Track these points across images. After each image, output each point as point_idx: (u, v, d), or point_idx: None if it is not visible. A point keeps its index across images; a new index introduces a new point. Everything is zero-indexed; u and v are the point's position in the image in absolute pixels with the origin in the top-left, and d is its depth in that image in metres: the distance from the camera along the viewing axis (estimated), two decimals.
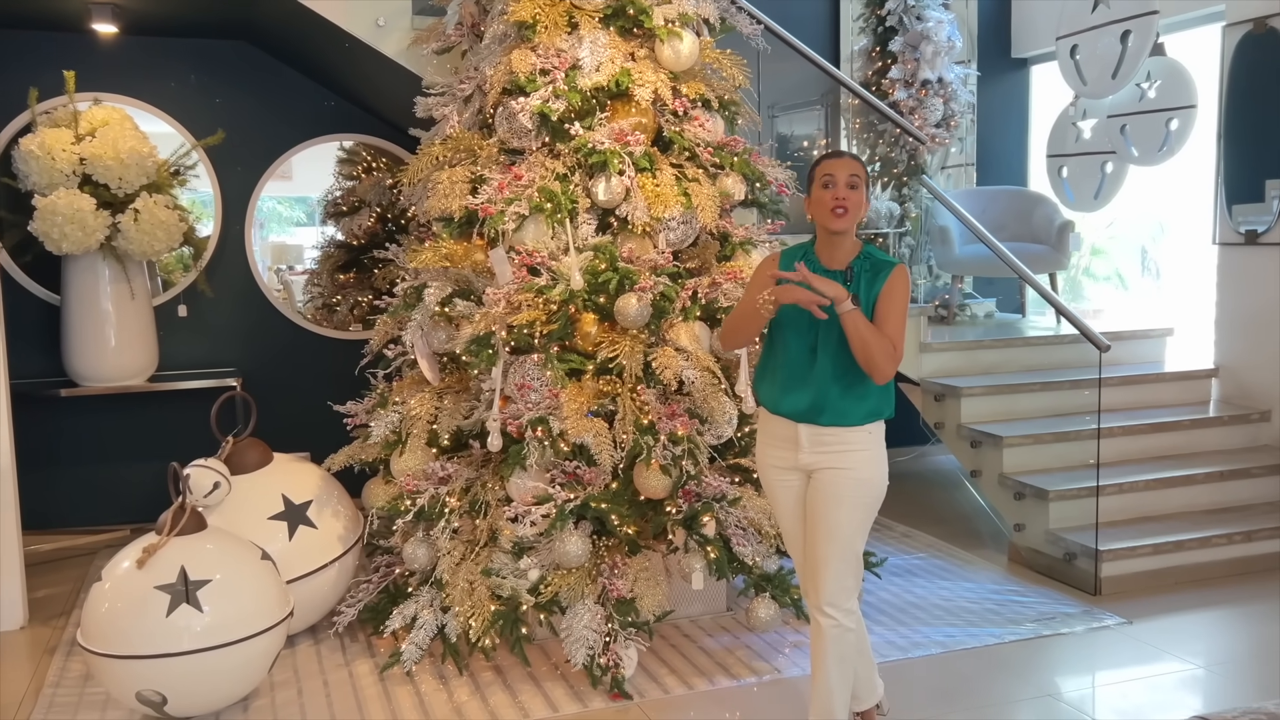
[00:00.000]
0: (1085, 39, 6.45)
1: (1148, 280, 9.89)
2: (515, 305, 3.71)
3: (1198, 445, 5.34)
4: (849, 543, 2.93)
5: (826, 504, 2.92)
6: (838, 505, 2.91)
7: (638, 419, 3.66)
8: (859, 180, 2.87)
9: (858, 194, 2.86)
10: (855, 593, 2.99)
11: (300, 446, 5.58)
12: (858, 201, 2.87)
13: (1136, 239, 9.73)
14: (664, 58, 3.97)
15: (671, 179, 3.89)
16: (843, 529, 2.91)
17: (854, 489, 2.91)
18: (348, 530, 4.11)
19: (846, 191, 2.85)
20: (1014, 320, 6.84)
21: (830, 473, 2.92)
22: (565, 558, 3.59)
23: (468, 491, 3.86)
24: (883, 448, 2.97)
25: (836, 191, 2.86)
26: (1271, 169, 5.39)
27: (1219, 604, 4.35)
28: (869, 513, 2.96)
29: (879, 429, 2.96)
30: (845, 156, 2.93)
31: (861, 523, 2.95)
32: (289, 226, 6.61)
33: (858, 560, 2.97)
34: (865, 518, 2.95)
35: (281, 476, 4.06)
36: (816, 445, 2.93)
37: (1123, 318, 7.78)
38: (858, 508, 2.92)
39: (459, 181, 3.90)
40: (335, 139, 6.04)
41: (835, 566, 2.92)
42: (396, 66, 4.60)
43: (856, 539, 2.95)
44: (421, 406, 3.94)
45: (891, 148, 6.72)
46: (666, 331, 3.80)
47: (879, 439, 2.96)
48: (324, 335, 6.05)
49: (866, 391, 2.90)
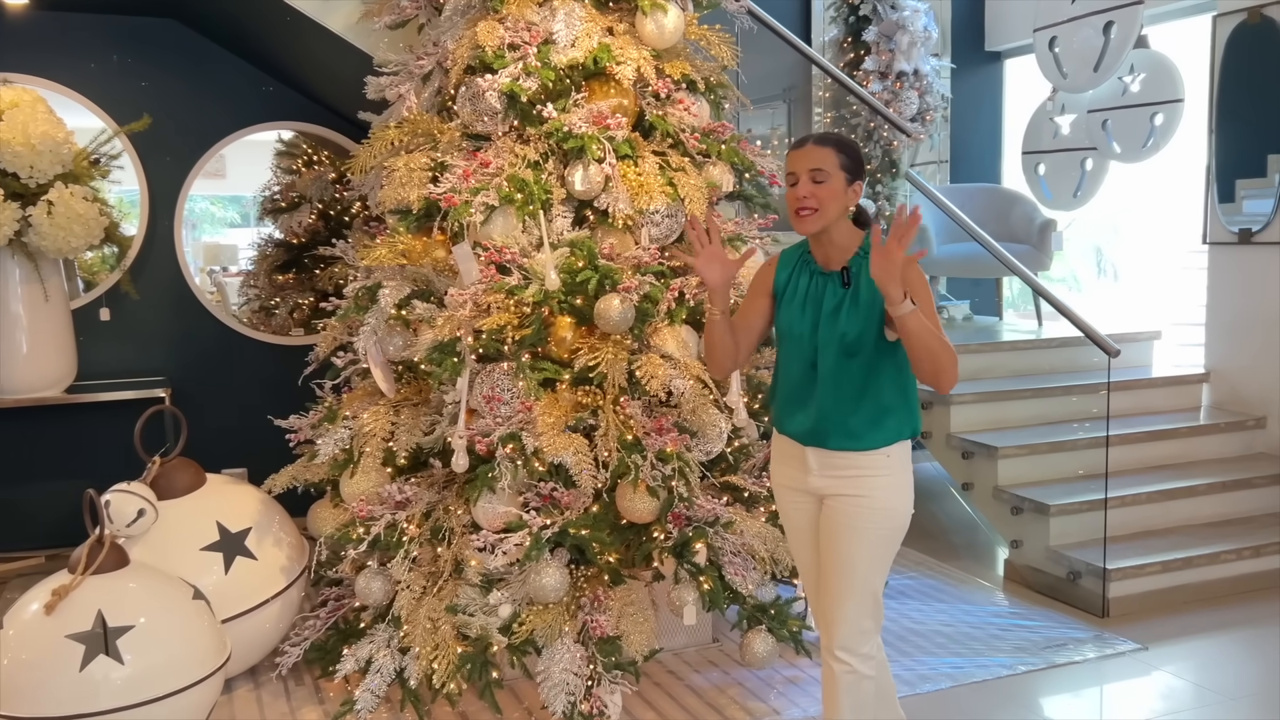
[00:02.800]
0: (1065, 31, 6.20)
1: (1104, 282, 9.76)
2: (483, 307, 3.31)
3: (1194, 454, 5.10)
4: (865, 580, 2.57)
5: (839, 535, 2.57)
6: (851, 537, 2.56)
7: (622, 435, 3.28)
8: (825, 172, 2.47)
9: (826, 188, 2.48)
10: (874, 636, 2.63)
11: (235, 464, 5.14)
12: (826, 196, 2.48)
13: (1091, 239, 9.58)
14: (646, 33, 3.59)
15: (655, 168, 3.51)
16: (857, 564, 2.56)
17: (869, 519, 2.55)
18: (291, 560, 3.67)
19: (810, 188, 2.48)
20: (992, 323, 6.58)
21: (843, 500, 2.57)
22: (541, 592, 3.19)
23: (428, 517, 3.44)
24: (907, 471, 2.61)
25: (798, 189, 2.50)
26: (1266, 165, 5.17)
27: (1234, 626, 4.07)
28: (888, 546, 2.60)
29: (901, 451, 2.59)
30: (808, 144, 2.53)
31: (878, 557, 2.59)
32: (222, 227, 6.16)
33: (876, 600, 2.61)
34: (883, 552, 2.60)
35: (216, 501, 3.61)
36: (826, 469, 2.59)
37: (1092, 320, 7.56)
38: (874, 541, 2.56)
39: (418, 169, 3.48)
40: (274, 127, 5.57)
41: (849, 606, 2.57)
42: (344, 44, 4.15)
43: (874, 576, 2.59)
44: (376, 421, 3.51)
45: (865, 142, 6.42)
46: (650, 337, 3.42)
47: (902, 462, 2.59)
48: (262, 340, 5.57)
49: (881, 410, 2.53)
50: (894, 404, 2.54)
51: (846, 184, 2.50)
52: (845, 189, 2.50)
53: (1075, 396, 5.21)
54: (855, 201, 2.54)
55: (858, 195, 2.53)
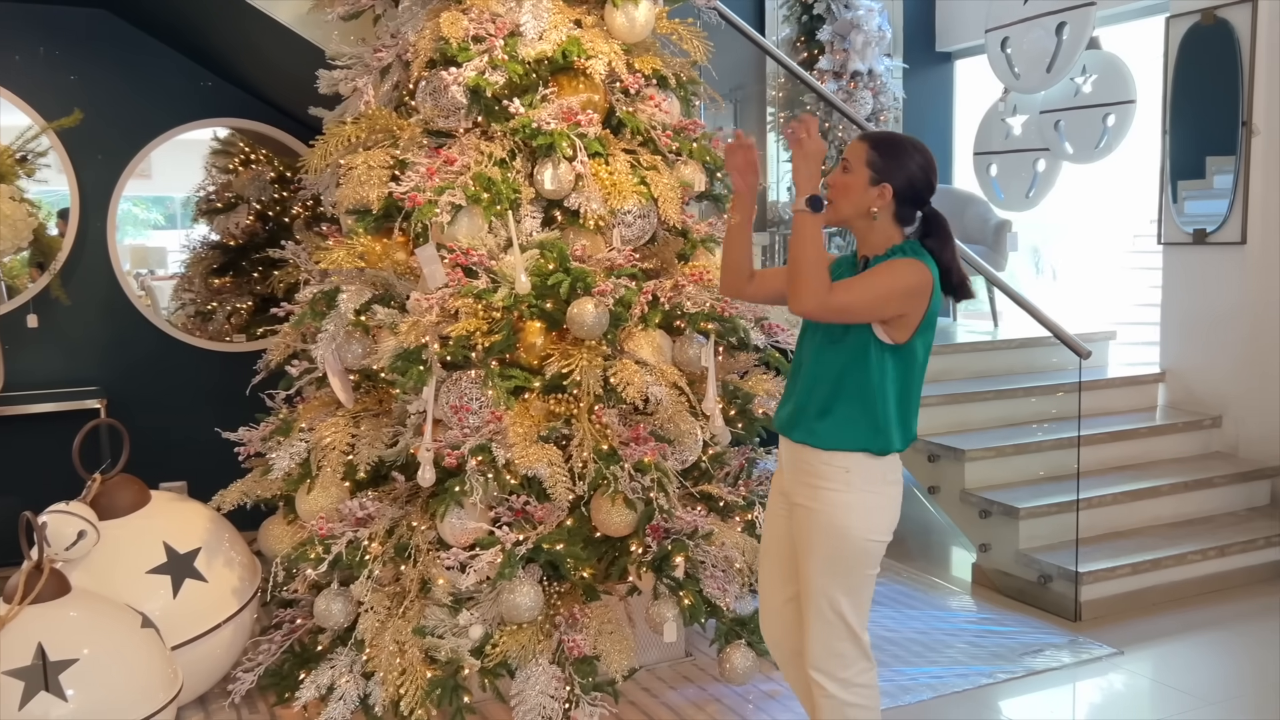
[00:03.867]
0: (1017, 31, 6.21)
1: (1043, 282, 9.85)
2: (450, 312, 3.14)
3: (1153, 454, 5.11)
4: (825, 599, 2.44)
5: (798, 549, 2.50)
6: (807, 555, 2.46)
7: (598, 445, 3.14)
8: (850, 164, 2.41)
9: (847, 177, 2.40)
10: (854, 663, 2.46)
11: (174, 476, 4.89)
12: (842, 187, 2.41)
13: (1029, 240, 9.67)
14: (616, 26, 3.45)
15: (626, 167, 3.38)
16: (813, 584, 2.45)
17: (819, 537, 2.42)
18: (243, 581, 3.46)
19: (836, 176, 2.44)
20: (946, 324, 6.56)
21: (800, 511, 2.48)
22: (515, 611, 3.04)
23: (391, 534, 3.27)
24: (870, 494, 2.42)
25: (828, 177, 2.45)
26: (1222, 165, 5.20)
27: (1204, 628, 4.06)
28: (847, 570, 2.42)
29: (865, 469, 2.41)
30: (856, 137, 2.50)
31: (834, 580, 2.42)
32: (146, 229, 5.88)
33: (844, 622, 2.44)
34: (840, 576, 2.42)
35: (162, 520, 3.39)
36: (792, 468, 2.51)
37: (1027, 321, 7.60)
38: (825, 560, 2.42)
39: (377, 167, 3.30)
40: (214, 124, 5.32)
41: (814, 625, 2.46)
42: (292, 36, 3.95)
43: (838, 599, 2.43)
44: (335, 434, 3.32)
45: None
46: (624, 342, 3.29)
47: (864, 481, 2.41)
48: (200, 347, 5.32)
49: (849, 414, 2.40)
50: (858, 411, 2.40)
51: (870, 182, 2.37)
52: (865, 188, 2.38)
53: (1035, 398, 5.19)
54: (880, 204, 2.38)
55: (884, 199, 2.37)
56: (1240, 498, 4.94)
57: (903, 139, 2.44)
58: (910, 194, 2.40)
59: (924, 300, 2.37)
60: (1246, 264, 5.10)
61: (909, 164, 2.38)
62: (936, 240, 2.44)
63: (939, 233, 2.45)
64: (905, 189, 2.38)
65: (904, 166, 2.38)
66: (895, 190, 2.37)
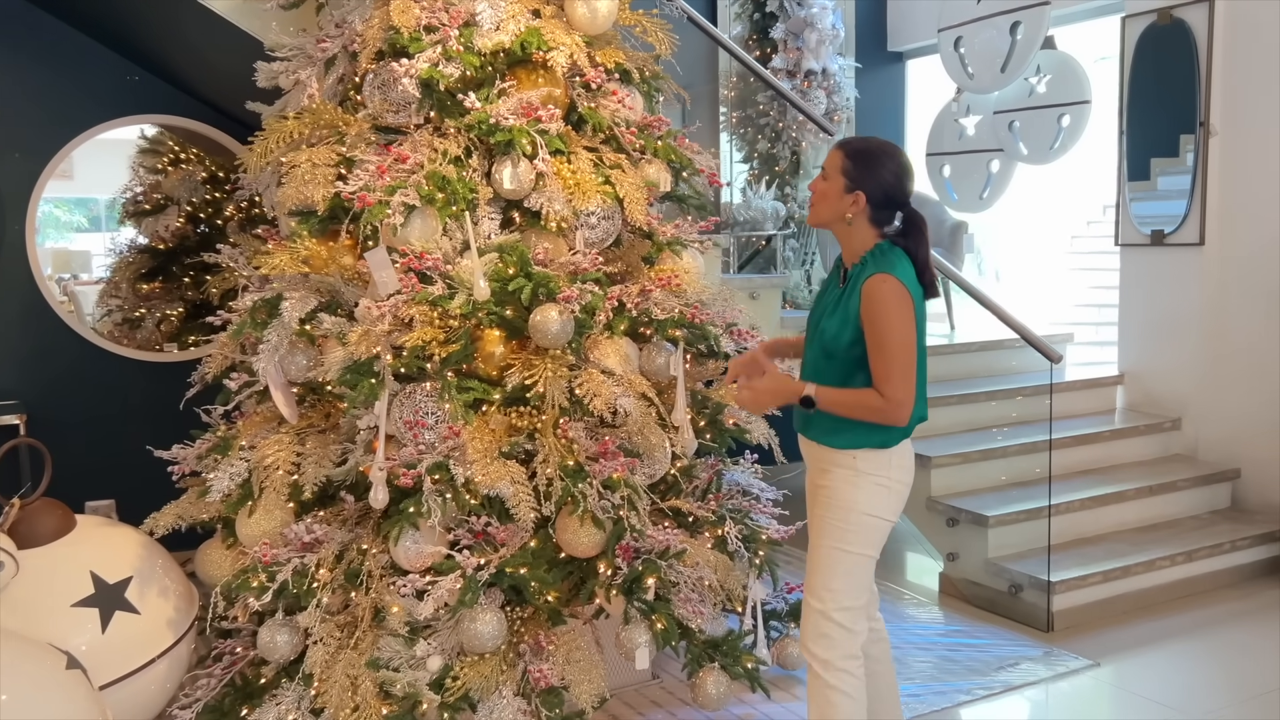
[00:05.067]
0: (970, 31, 6.13)
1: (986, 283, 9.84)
2: (403, 321, 2.93)
3: (1115, 458, 5.05)
4: (824, 579, 2.55)
5: (810, 527, 2.62)
6: (815, 529, 2.59)
7: (563, 460, 2.95)
8: (826, 171, 2.53)
9: (823, 186, 2.53)
10: (839, 646, 2.54)
11: (102, 495, 4.61)
12: (819, 195, 2.54)
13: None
14: (577, 17, 3.26)
15: (589, 165, 3.19)
16: (815, 559, 2.58)
17: (829, 511, 2.54)
18: (179, 612, 3.20)
19: (816, 183, 2.57)
20: None
21: (811, 489, 2.64)
22: (477, 640, 2.84)
23: (341, 559, 3.04)
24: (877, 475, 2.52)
25: (811, 183, 2.59)
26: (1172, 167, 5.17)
27: (1177, 636, 3.98)
28: (845, 541, 2.52)
29: (873, 456, 2.52)
30: (833, 144, 2.62)
31: (834, 554, 2.53)
32: (69, 232, 5.57)
33: (831, 601, 2.53)
34: (840, 549, 2.52)
35: (88, 547, 3.12)
36: (812, 463, 2.64)
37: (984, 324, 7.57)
38: (831, 535, 2.53)
39: (322, 165, 3.08)
40: (142, 120, 5.03)
41: (810, 605, 2.59)
42: (228, 26, 3.69)
43: (833, 575, 2.54)
44: (278, 453, 3.08)
45: (773, 143, 6.24)
46: (589, 350, 3.10)
47: (871, 465, 2.52)
48: (128, 357, 5.02)
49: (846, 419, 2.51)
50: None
51: (843, 190, 2.47)
52: (840, 195, 2.48)
53: (997, 402, 5.11)
54: (854, 211, 2.48)
55: (858, 205, 2.47)
56: (1202, 501, 4.90)
57: (877, 147, 2.51)
58: (884, 200, 2.48)
59: (906, 301, 2.43)
60: (1204, 265, 5.07)
61: (882, 172, 2.46)
62: (912, 240, 2.52)
63: (915, 232, 2.53)
64: (879, 196, 2.47)
65: (876, 174, 2.46)
66: (869, 197, 2.46)
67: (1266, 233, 4.85)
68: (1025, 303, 8.62)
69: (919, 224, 2.53)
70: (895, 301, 2.39)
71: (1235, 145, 4.95)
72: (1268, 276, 4.85)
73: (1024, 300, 8.72)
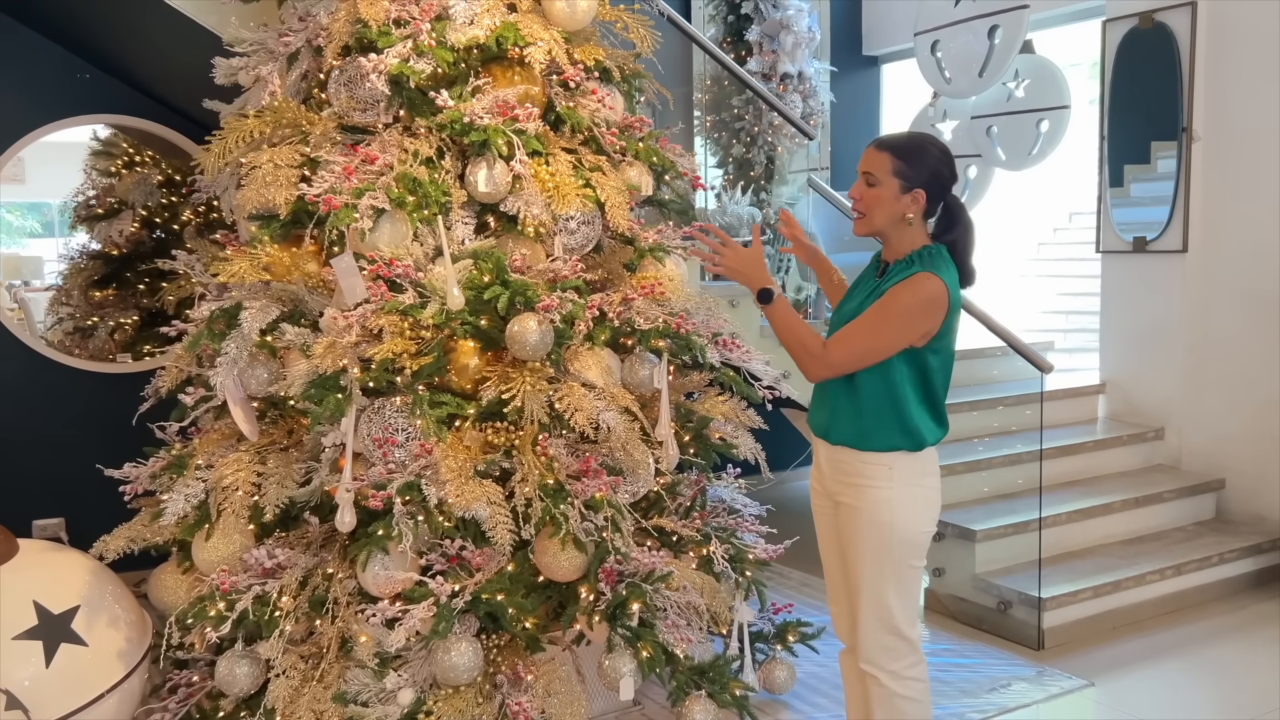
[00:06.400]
0: (947, 34, 6.04)
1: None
2: (372, 332, 2.76)
3: (1098, 468, 4.96)
4: (873, 593, 2.48)
5: (844, 547, 2.53)
6: (853, 551, 2.50)
7: (543, 479, 2.78)
8: (875, 176, 2.41)
9: (874, 193, 2.41)
10: (904, 655, 2.50)
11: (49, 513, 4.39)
12: (872, 201, 2.42)
13: None
14: (555, 11, 3.10)
15: (568, 167, 3.04)
16: (862, 580, 2.49)
17: (867, 533, 2.45)
18: (130, 643, 3.00)
19: (860, 190, 2.45)
20: None
21: (844, 509, 2.51)
22: (451, 672, 2.66)
23: (305, 585, 2.86)
24: (913, 486, 2.45)
25: (852, 190, 2.48)
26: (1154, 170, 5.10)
27: (1171, 652, 3.88)
28: (892, 562, 2.46)
29: (907, 465, 2.44)
30: (871, 146, 2.45)
31: (883, 574, 2.46)
32: (21, 238, 5.35)
33: (891, 614, 2.48)
34: (887, 569, 2.46)
35: (32, 575, 2.91)
36: (833, 469, 2.53)
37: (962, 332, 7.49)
38: (874, 557, 2.46)
39: (285, 166, 2.89)
40: (92, 121, 4.81)
41: (866, 622, 2.51)
42: (184, 20, 3.49)
43: (885, 592, 2.47)
44: (238, 472, 2.89)
45: (749, 148, 6.11)
46: (569, 362, 2.94)
47: (906, 476, 2.44)
48: (79, 368, 4.79)
49: (879, 418, 2.42)
50: (888, 415, 2.42)
51: (900, 191, 2.39)
52: (897, 197, 2.39)
53: (979, 412, 5.01)
54: (915, 210, 2.40)
55: (918, 204, 2.39)
56: (1187, 512, 4.82)
57: (918, 138, 2.45)
58: (939, 190, 2.42)
59: (935, 313, 2.35)
60: (1188, 272, 5.00)
61: (931, 162, 2.40)
62: (958, 232, 2.45)
63: (959, 224, 2.46)
64: (936, 188, 2.41)
65: (928, 166, 2.39)
66: (929, 192, 2.39)
67: (1250, 239, 4.78)
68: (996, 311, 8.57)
69: (963, 213, 2.47)
70: (922, 306, 2.32)
71: (1218, 151, 4.89)
72: (1251, 283, 4.78)
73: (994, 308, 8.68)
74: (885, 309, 2.36)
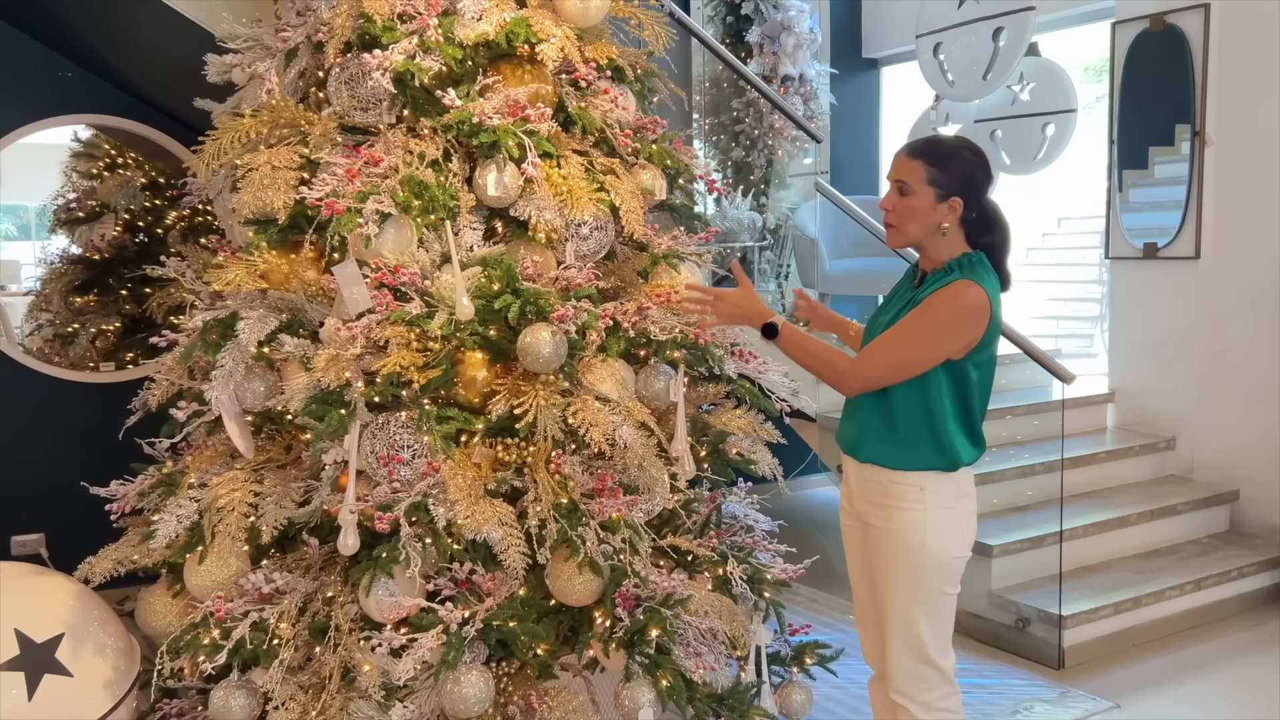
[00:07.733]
0: (950, 37, 5.93)
1: None
2: (377, 343, 2.61)
3: (1111, 479, 4.86)
4: (906, 624, 2.38)
5: (874, 570, 2.44)
6: (882, 574, 2.40)
7: (556, 499, 2.64)
8: (909, 185, 2.31)
9: (907, 203, 2.32)
10: (936, 686, 2.42)
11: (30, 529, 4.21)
12: (905, 212, 2.33)
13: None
14: (567, 7, 2.96)
15: (581, 170, 2.90)
16: (892, 606, 2.39)
17: (897, 558, 2.35)
18: (118, 671, 2.84)
19: (893, 201, 2.36)
20: None
21: (874, 532, 2.41)
22: (462, 705, 2.51)
23: (304, 611, 2.70)
24: (946, 509, 2.33)
25: (883, 201, 2.38)
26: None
27: (1195, 671, 3.77)
28: (923, 588, 2.36)
29: (939, 485, 2.32)
30: (901, 153, 2.36)
31: (913, 601, 2.36)
32: None
33: (923, 644, 2.38)
34: (918, 595, 2.36)
35: (13, 601, 2.75)
36: (862, 488, 2.44)
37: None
38: (905, 584, 2.36)
39: (284, 167, 2.74)
40: (73, 121, 4.64)
41: (896, 650, 2.42)
42: (173, 15, 3.34)
43: (916, 620, 2.37)
44: (233, 492, 2.73)
45: (749, 151, 5.98)
46: (583, 375, 2.80)
47: (938, 498, 2.32)
48: (60, 377, 4.61)
49: (913, 434, 2.32)
50: (922, 431, 2.31)
51: (936, 200, 2.29)
52: (933, 206, 2.30)
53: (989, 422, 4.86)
54: (951, 219, 2.30)
55: (955, 212, 2.30)
56: (1201, 524, 4.72)
57: (950, 142, 2.37)
58: (976, 196, 2.32)
59: (977, 322, 2.25)
60: (1200, 279, 4.90)
61: (966, 167, 2.31)
62: (995, 236, 2.36)
63: (995, 228, 2.37)
64: (972, 194, 2.31)
65: (964, 171, 2.30)
66: (965, 199, 2.30)
67: (1264, 246, 4.69)
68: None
69: (998, 216, 2.38)
70: (963, 315, 2.23)
71: (1232, 155, 4.79)
72: (1265, 291, 4.69)
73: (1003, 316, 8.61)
74: (922, 318, 2.27)
